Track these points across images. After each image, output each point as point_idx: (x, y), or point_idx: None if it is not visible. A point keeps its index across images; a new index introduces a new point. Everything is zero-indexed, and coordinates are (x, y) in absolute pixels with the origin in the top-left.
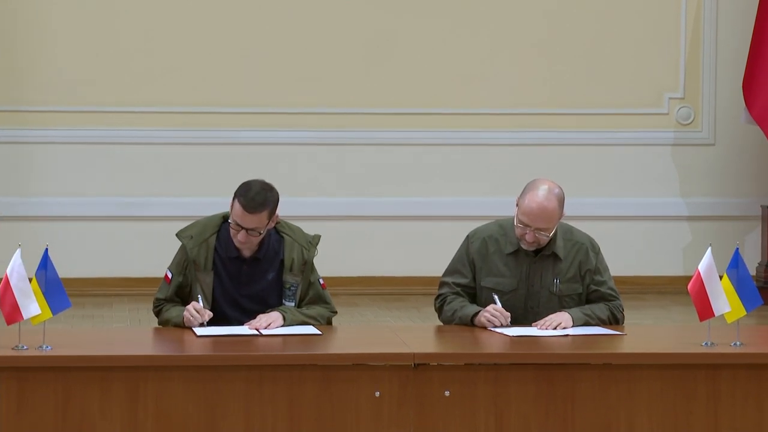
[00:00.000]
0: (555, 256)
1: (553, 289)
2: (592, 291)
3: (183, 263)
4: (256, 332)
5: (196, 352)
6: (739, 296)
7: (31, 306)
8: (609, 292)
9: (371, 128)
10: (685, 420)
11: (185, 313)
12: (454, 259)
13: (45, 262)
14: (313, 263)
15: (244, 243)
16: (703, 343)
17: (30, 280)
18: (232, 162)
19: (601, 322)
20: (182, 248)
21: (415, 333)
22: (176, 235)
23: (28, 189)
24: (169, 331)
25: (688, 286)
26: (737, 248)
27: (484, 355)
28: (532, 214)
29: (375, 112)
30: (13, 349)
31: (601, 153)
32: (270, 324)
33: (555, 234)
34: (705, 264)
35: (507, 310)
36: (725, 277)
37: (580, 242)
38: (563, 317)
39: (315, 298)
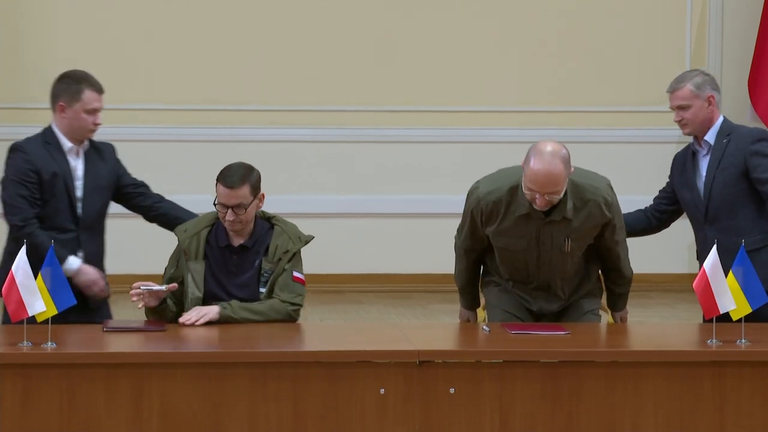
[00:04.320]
0: (566, 219)
1: (564, 249)
2: (608, 249)
3: (176, 255)
4: (162, 329)
5: (200, 350)
6: (744, 293)
7: (37, 303)
8: (623, 254)
9: (376, 126)
10: (691, 417)
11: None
12: (463, 214)
13: (51, 260)
14: (294, 256)
15: (233, 223)
16: (709, 341)
17: (35, 277)
18: (235, 160)
19: None
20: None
21: (419, 330)
22: (173, 230)
23: None
24: (174, 329)
25: (694, 284)
26: (743, 246)
27: (490, 353)
28: (539, 181)
29: (380, 110)
30: (17, 346)
31: (606, 150)
32: (200, 319)
33: (565, 196)
34: (710, 261)
35: (520, 266)
36: (731, 274)
37: (592, 199)
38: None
39: (282, 286)
